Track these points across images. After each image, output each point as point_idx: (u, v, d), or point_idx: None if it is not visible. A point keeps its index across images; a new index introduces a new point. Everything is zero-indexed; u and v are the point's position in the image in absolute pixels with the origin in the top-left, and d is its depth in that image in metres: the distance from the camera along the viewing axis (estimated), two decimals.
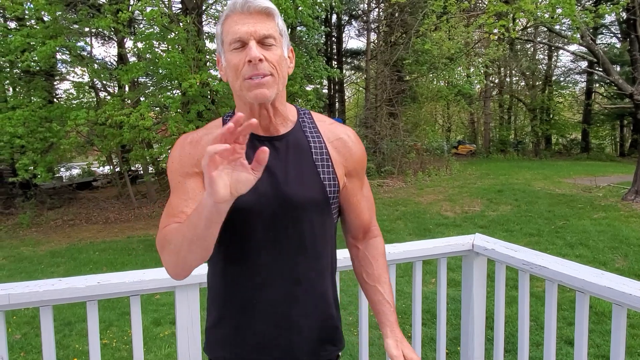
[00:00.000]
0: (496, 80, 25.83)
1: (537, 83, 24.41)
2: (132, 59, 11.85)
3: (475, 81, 19.52)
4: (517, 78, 26.17)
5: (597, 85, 23.59)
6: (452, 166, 15.52)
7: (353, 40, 35.68)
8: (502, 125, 25.92)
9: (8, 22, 11.31)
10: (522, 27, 14.47)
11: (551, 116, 23.92)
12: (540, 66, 24.56)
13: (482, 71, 18.83)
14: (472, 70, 18.81)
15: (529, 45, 23.20)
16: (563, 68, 25.60)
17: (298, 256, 1.04)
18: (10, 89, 11.41)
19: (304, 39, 16.88)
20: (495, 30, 9.54)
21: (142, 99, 10.12)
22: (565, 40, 13.83)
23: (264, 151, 0.76)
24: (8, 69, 10.24)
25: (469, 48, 15.21)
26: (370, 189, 1.23)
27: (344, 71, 26.21)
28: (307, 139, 1.09)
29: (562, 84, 25.09)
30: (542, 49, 23.90)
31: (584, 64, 21.74)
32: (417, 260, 1.86)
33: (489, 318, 2.06)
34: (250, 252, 1.03)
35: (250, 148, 1.01)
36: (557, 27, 13.58)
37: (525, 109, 25.16)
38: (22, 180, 10.03)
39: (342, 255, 1.72)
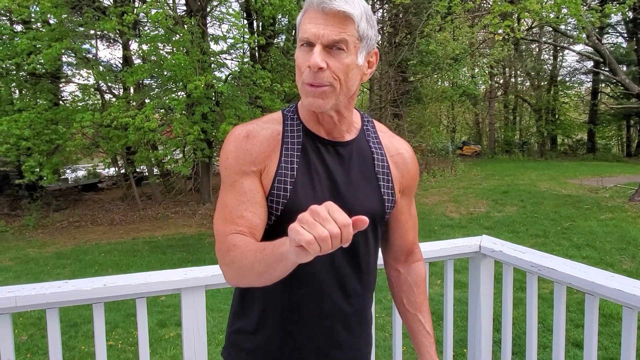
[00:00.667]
0: (501, 81, 25.74)
1: (543, 83, 24.31)
2: (137, 61, 11.90)
3: (480, 82, 19.48)
4: (522, 78, 26.07)
5: (603, 85, 23.45)
6: (457, 167, 15.48)
7: None
8: (507, 126, 25.82)
9: (14, 25, 11.39)
10: (527, 27, 14.41)
11: (557, 116, 23.80)
12: (546, 66, 24.45)
13: (486, 72, 18.79)
14: (476, 70, 18.74)
15: (534, 46, 23.10)
16: (569, 68, 25.49)
17: (349, 269, 1.01)
18: (17, 91, 11.49)
19: None
20: (500, 31, 9.51)
21: (147, 100, 10.16)
22: (571, 40, 13.77)
23: (364, 222, 0.69)
24: (14, 72, 10.32)
25: (473, 48, 15.18)
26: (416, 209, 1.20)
27: None
28: (370, 149, 1.06)
29: (567, 84, 24.96)
30: (547, 49, 23.79)
31: (589, 64, 21.64)
32: (424, 262, 1.85)
33: (496, 320, 2.04)
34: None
35: (314, 150, 1.00)
36: (563, 27, 13.52)
37: (531, 110, 25.06)
38: (28, 182, 10.09)
39: None
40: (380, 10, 20.28)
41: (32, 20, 9.92)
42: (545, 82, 24.21)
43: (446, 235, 7.54)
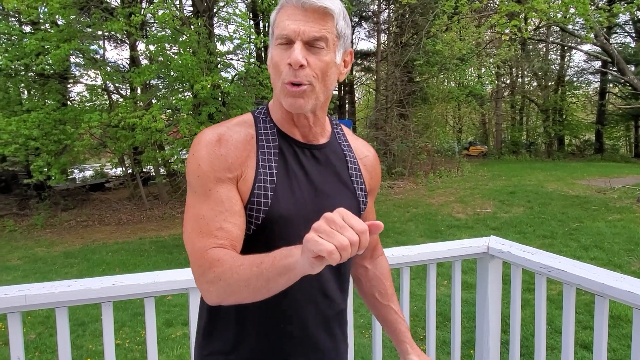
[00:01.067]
0: (508, 81, 25.62)
1: (550, 83, 24.16)
2: (144, 62, 11.95)
3: (487, 82, 19.39)
4: (529, 78, 25.93)
5: (611, 85, 23.26)
6: (464, 167, 15.42)
7: (363, 42, 35.68)
8: (514, 126, 25.68)
9: (23, 26, 11.49)
10: (534, 27, 14.33)
11: (564, 117, 23.65)
12: (553, 66, 24.30)
13: (493, 72, 18.69)
14: (483, 70, 18.68)
15: (541, 45, 22.97)
16: (576, 68, 25.31)
17: (329, 273, 0.99)
18: (25, 91, 11.58)
19: None
20: (507, 31, 9.46)
21: (154, 101, 10.21)
22: (579, 39, 13.68)
23: (379, 227, 0.69)
24: (23, 73, 10.41)
25: (480, 48, 15.11)
26: None
27: (354, 72, 26.19)
28: (343, 152, 1.05)
29: (575, 84, 24.79)
30: (554, 49, 23.64)
31: (597, 64, 21.48)
32: (432, 263, 1.84)
33: (503, 321, 2.03)
34: None
35: (291, 154, 0.97)
36: (570, 26, 13.43)
37: (538, 110, 24.91)
38: (37, 182, 10.18)
39: None
40: (387, 11, 20.26)
41: (41, 21, 10.00)
42: (553, 82, 24.06)
43: (452, 236, 7.51)
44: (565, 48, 21.83)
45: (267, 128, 0.98)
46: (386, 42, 19.43)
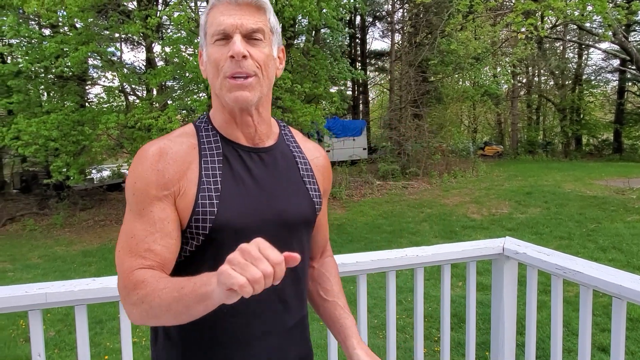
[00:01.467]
0: (524, 80, 25.30)
1: (567, 82, 23.78)
2: (160, 63, 12.11)
3: (502, 81, 19.17)
4: (546, 77, 25.56)
5: (630, 83, 22.79)
6: (479, 168, 15.26)
7: (377, 42, 35.63)
8: (530, 126, 25.34)
9: (43, 30, 11.71)
10: (551, 25, 14.13)
11: (581, 116, 23.25)
12: (570, 65, 23.92)
13: (509, 71, 18.47)
14: (499, 70, 18.47)
15: (558, 44, 22.63)
16: (594, 66, 24.86)
17: (286, 279, 0.86)
18: (45, 93, 11.81)
19: (328, 41, 16.92)
20: (523, 29, 9.34)
21: (169, 102, 10.34)
22: (597, 38, 13.43)
23: (296, 259, 0.68)
24: (43, 75, 10.62)
25: (495, 47, 14.96)
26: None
27: (368, 73, 26.15)
28: (292, 154, 1.02)
29: (593, 82, 24.35)
30: (572, 47, 23.27)
31: (616, 62, 21.07)
32: (446, 264, 1.84)
33: (519, 323, 2.01)
34: None
35: (236, 159, 0.93)
36: (588, 24, 13.21)
37: (555, 109, 24.54)
38: (56, 182, 10.39)
39: (369, 258, 1.71)
40: (401, 10, 20.18)
41: (60, 24, 10.19)
42: (570, 81, 23.68)
43: (467, 237, 7.45)
44: (583, 46, 21.46)
45: (209, 136, 0.94)
46: (400, 42, 19.35)
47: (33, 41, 9.79)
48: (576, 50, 23.46)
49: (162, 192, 0.87)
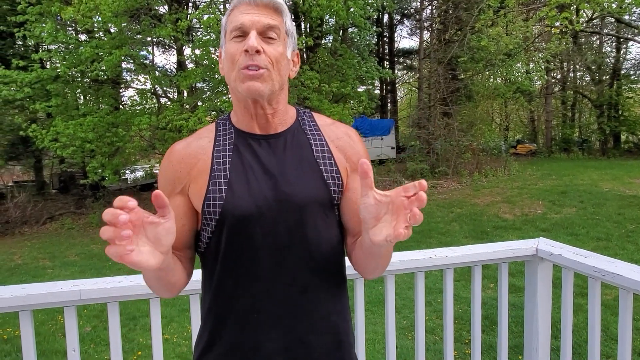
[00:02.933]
0: (558, 76, 24.51)
1: (604, 77, 22.89)
2: (191, 66, 12.34)
3: (536, 77, 18.63)
4: (582, 73, 24.69)
5: None
6: (511, 166, 14.89)
7: (405, 40, 35.28)
8: (565, 123, 24.54)
9: (79, 35, 12.14)
10: (587, 19, 13.65)
11: (620, 112, 22.34)
12: (608, 59, 23.02)
13: (542, 67, 17.94)
14: (532, 66, 17.96)
15: (594, 38, 21.83)
16: (633, 61, 23.82)
17: (302, 263, 0.95)
18: (81, 97, 12.23)
19: (356, 40, 16.86)
20: (558, 23, 9.06)
21: (199, 103, 10.52)
22: (636, 30, 12.88)
23: (156, 196, 0.73)
24: (79, 79, 10.99)
25: (528, 43, 14.55)
26: None
27: (396, 71, 25.92)
28: (307, 137, 1.01)
29: (632, 77, 23.36)
30: (609, 41, 22.40)
31: None
32: (477, 265, 1.79)
33: (554, 327, 1.95)
34: (248, 261, 0.94)
35: (246, 147, 0.97)
36: (627, 17, 12.69)
37: (591, 106, 23.68)
38: (92, 182, 10.73)
39: (398, 258, 1.69)
40: (429, 7, 19.91)
41: (95, 29, 10.53)
42: (607, 76, 22.78)
43: (499, 237, 7.27)
44: (621, 40, 20.62)
45: (225, 130, 1.01)
46: (429, 40, 19.10)
47: (70, 46, 10.15)
48: (614, 44, 22.56)
49: (175, 189, 0.98)
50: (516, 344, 3.43)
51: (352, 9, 9.72)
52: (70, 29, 12.55)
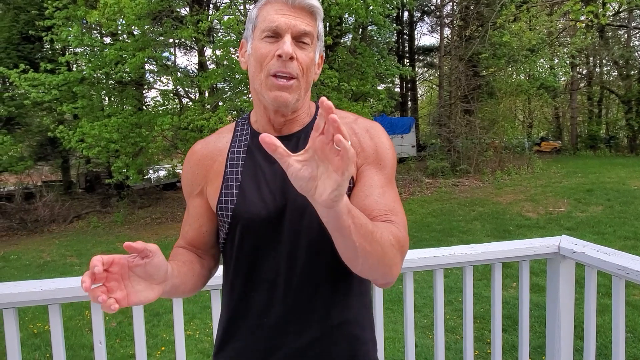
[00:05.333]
0: (584, 71, 23.89)
1: (632, 72, 22.21)
2: (212, 66, 12.49)
3: (560, 73, 18.19)
4: (609, 68, 24.02)
5: None
6: (534, 164, 14.59)
7: (425, 37, 34.97)
8: (591, 120, 23.90)
9: (104, 38, 12.42)
10: (613, 12, 13.27)
11: None
12: (636, 53, 22.33)
13: (567, 62, 17.51)
14: (556, 61, 17.55)
15: (622, 31, 21.21)
16: None
17: (312, 265, 0.93)
18: (106, 98, 12.52)
19: (375, 38, 16.78)
20: (583, 17, 8.84)
21: (220, 103, 10.64)
22: None
23: (127, 247, 0.72)
24: (104, 80, 11.26)
25: (552, 38, 14.24)
26: (399, 198, 0.97)
27: (416, 69, 25.68)
28: None
29: None
30: (637, 35, 21.73)
31: None
32: (497, 263, 1.78)
33: (578, 327, 1.92)
34: (258, 264, 0.94)
35: (258, 150, 0.96)
36: None
37: (619, 101, 23.02)
38: (117, 182, 10.97)
39: (416, 256, 1.69)
40: (450, 4, 19.66)
41: (119, 32, 10.76)
42: (636, 71, 22.09)
43: (522, 236, 7.15)
44: None
45: (242, 131, 1.01)
46: (449, 36, 18.85)
47: (95, 49, 10.40)
48: None
49: (195, 190, 1.02)
50: (539, 344, 3.37)
51: (371, 7, 9.68)
52: (95, 32, 12.85)
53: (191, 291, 0.97)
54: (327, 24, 12.41)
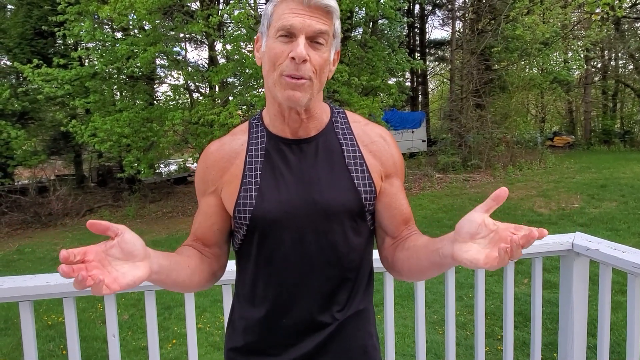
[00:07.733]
0: (599, 65, 23.51)
1: None
2: (222, 61, 12.51)
3: (574, 66, 17.95)
4: (625, 61, 23.60)
5: None
6: (547, 159, 14.43)
7: (437, 31, 34.67)
8: (605, 114, 23.53)
9: (115, 33, 12.49)
10: (630, 4, 13.02)
11: None
12: None
13: (582, 55, 17.25)
14: (570, 55, 17.31)
15: (638, 24, 20.80)
16: None
17: (330, 270, 0.95)
18: (118, 93, 12.61)
19: (386, 31, 16.66)
20: (598, 10, 8.68)
21: (230, 98, 10.66)
22: None
23: (91, 225, 0.72)
24: (116, 75, 11.33)
25: (566, 31, 14.02)
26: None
27: (428, 63, 25.47)
28: (339, 142, 0.99)
29: None
30: None
31: None
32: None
33: (591, 324, 1.89)
34: (276, 267, 0.95)
35: (277, 152, 0.97)
36: None
37: (634, 95, 22.64)
38: (128, 176, 11.07)
39: None
40: None
41: (130, 27, 10.81)
42: None
43: None
44: None
45: (257, 132, 1.01)
46: (461, 30, 18.66)
47: (107, 44, 10.46)
48: None
49: (209, 189, 1.01)
50: (551, 341, 3.35)
51: (382, 1, 9.61)
52: (106, 27, 12.93)
53: (185, 285, 0.93)
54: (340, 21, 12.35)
